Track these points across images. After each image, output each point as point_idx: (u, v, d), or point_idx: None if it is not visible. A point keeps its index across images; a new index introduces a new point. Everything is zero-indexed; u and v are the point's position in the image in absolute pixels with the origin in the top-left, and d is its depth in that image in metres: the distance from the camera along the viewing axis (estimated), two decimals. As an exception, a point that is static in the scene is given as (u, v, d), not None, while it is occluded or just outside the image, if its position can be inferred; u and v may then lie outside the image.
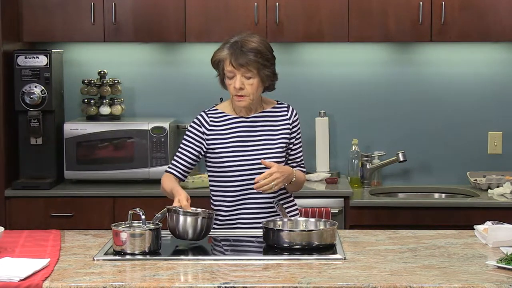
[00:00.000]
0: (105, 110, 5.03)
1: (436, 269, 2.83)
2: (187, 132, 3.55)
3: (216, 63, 3.49)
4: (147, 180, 4.85)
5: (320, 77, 5.21)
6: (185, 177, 3.58)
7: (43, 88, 4.74)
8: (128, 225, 3.11)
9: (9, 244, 3.17)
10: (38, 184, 4.72)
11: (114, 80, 5.11)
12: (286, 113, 3.56)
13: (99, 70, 5.11)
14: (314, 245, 3.06)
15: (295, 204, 3.63)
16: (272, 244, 3.11)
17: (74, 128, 4.85)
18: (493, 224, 3.32)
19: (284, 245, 3.07)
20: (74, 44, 5.16)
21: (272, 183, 3.32)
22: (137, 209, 3.10)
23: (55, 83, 4.84)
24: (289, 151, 3.55)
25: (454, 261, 2.94)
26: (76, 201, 4.69)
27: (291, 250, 3.06)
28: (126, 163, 4.83)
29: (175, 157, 3.56)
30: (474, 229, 3.37)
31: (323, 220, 3.31)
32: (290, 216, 3.49)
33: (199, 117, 3.56)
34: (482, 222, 3.39)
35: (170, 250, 3.11)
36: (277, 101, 3.61)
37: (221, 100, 5.06)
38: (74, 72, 5.18)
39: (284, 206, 3.51)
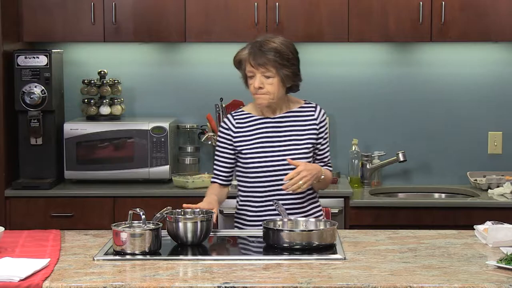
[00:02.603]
0: (105, 110, 5.03)
1: (436, 269, 2.83)
2: (218, 138, 3.58)
3: (238, 63, 3.52)
4: (147, 180, 4.85)
5: (320, 77, 5.21)
6: (230, 181, 3.61)
7: (43, 88, 4.74)
8: (128, 225, 3.11)
9: (9, 244, 3.17)
10: (38, 184, 4.72)
11: (114, 80, 5.12)
12: (313, 113, 3.57)
13: (99, 70, 5.11)
14: (314, 245, 3.07)
15: (320, 205, 3.64)
16: (272, 244, 3.11)
17: (74, 128, 4.85)
18: (493, 224, 3.32)
19: (284, 245, 3.07)
20: (74, 44, 5.16)
21: (300, 182, 3.32)
22: (137, 209, 3.10)
23: (55, 83, 4.84)
24: (316, 151, 3.55)
25: (454, 261, 2.94)
26: (76, 201, 4.69)
27: (291, 250, 3.06)
28: (126, 163, 4.83)
29: (214, 166, 3.60)
30: (474, 229, 3.37)
31: (323, 220, 3.31)
32: (315, 217, 3.49)
33: (226, 120, 3.58)
34: (482, 222, 3.39)
35: (170, 250, 3.11)
36: (304, 100, 3.61)
37: (221, 100, 5.07)
38: (74, 72, 5.18)
39: (309, 206, 3.52)
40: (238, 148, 3.50)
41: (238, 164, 3.55)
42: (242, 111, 3.59)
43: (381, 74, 5.20)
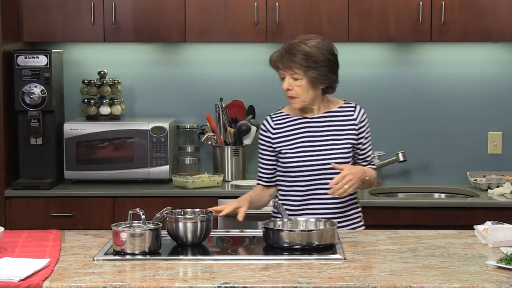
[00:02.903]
0: (105, 110, 5.03)
1: (436, 269, 2.83)
2: (259, 141, 3.62)
3: (272, 65, 3.52)
4: (147, 180, 4.85)
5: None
6: (274, 182, 3.61)
7: (43, 88, 4.74)
8: (128, 225, 3.11)
9: (9, 244, 3.17)
10: (38, 184, 4.72)
11: (114, 80, 5.11)
12: (352, 113, 3.58)
13: (99, 70, 5.11)
14: (314, 245, 3.07)
15: (360, 210, 3.64)
16: (272, 244, 3.11)
17: (74, 128, 4.84)
18: (493, 224, 3.32)
19: (284, 245, 3.07)
20: (74, 44, 5.16)
21: (346, 186, 3.32)
22: (137, 209, 3.10)
23: (55, 83, 4.83)
24: (358, 150, 3.56)
25: (454, 261, 2.94)
26: (76, 201, 4.69)
27: (291, 250, 3.06)
28: (126, 163, 4.83)
29: (258, 168, 3.63)
30: (474, 229, 3.37)
31: (323, 220, 3.31)
32: (353, 228, 3.52)
33: (264, 122, 3.61)
34: (482, 222, 3.39)
35: (170, 250, 3.11)
36: (344, 100, 3.62)
37: (221, 100, 5.07)
38: (74, 72, 5.18)
39: (352, 211, 3.55)
40: (277, 149, 3.53)
41: (279, 164, 3.56)
42: (281, 112, 3.61)
43: (381, 74, 5.20)
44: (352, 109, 3.59)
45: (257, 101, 5.15)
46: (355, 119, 3.56)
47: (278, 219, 3.32)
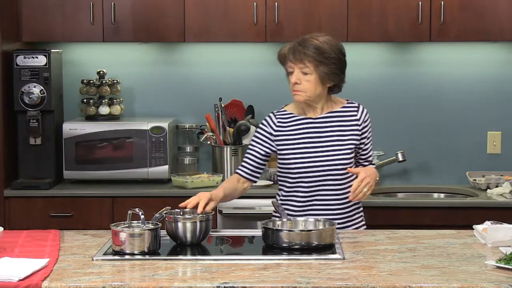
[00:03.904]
0: (104, 110, 5.03)
1: (435, 269, 2.83)
2: (255, 133, 3.58)
3: (281, 59, 3.49)
4: (146, 180, 4.85)
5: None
6: (256, 177, 3.57)
7: (42, 88, 4.74)
8: (127, 225, 3.11)
9: (8, 244, 3.16)
10: (37, 184, 4.72)
11: (113, 80, 5.11)
12: (356, 113, 3.57)
13: (98, 70, 5.11)
14: (313, 245, 3.06)
15: (362, 211, 3.63)
16: (271, 244, 3.11)
17: (73, 128, 4.84)
18: (492, 224, 3.32)
19: (283, 245, 3.07)
20: (73, 44, 5.16)
21: (365, 189, 3.32)
22: (136, 209, 3.10)
23: (54, 83, 4.83)
24: (360, 150, 3.56)
25: (453, 261, 2.94)
26: (75, 201, 4.69)
27: (290, 250, 3.06)
28: (125, 163, 4.83)
29: (244, 158, 3.58)
30: (473, 229, 3.37)
31: (322, 220, 3.31)
32: (355, 228, 3.52)
33: (267, 118, 3.57)
34: (481, 222, 3.39)
35: (169, 250, 3.11)
36: (347, 100, 3.61)
37: (221, 99, 5.07)
38: (73, 72, 5.18)
39: (356, 215, 3.55)
40: (279, 148, 3.50)
41: (279, 163, 3.54)
42: (284, 110, 3.58)
43: (380, 74, 5.20)
44: (355, 109, 3.59)
45: (257, 101, 5.15)
46: (358, 119, 3.56)
47: (277, 219, 3.31)
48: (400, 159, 4.99)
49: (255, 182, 3.61)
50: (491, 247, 3.13)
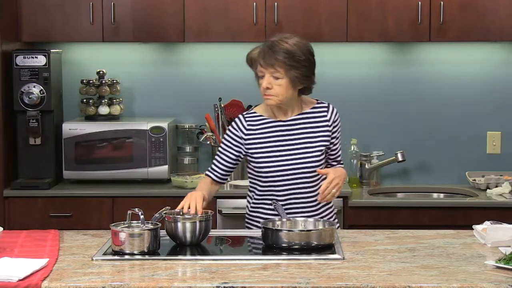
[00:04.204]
0: (103, 110, 5.03)
1: (434, 269, 2.83)
2: (225, 136, 3.54)
3: (250, 62, 3.45)
4: (146, 180, 4.85)
5: (319, 77, 5.16)
6: (225, 180, 3.56)
7: (42, 88, 4.73)
8: (127, 225, 3.11)
9: (8, 244, 3.16)
10: (37, 184, 4.72)
11: (113, 80, 5.11)
12: (326, 113, 3.53)
13: (98, 70, 5.11)
14: (313, 245, 3.06)
15: (333, 206, 3.61)
16: (271, 244, 3.11)
17: (72, 128, 4.84)
18: (491, 224, 3.32)
19: (283, 245, 3.07)
20: (73, 44, 5.16)
21: (333, 190, 3.31)
22: (136, 209, 3.10)
23: (54, 83, 4.83)
24: (329, 150, 3.53)
25: (453, 261, 2.94)
26: (75, 201, 4.69)
27: (290, 250, 3.06)
28: (125, 163, 4.83)
29: (214, 161, 3.55)
30: (473, 229, 3.37)
31: (321, 220, 3.31)
32: (328, 218, 3.49)
33: (237, 120, 3.53)
34: (481, 222, 3.39)
35: (169, 250, 3.11)
36: (317, 100, 3.58)
37: (220, 100, 5.07)
38: (73, 72, 5.18)
39: (323, 208, 3.51)
40: (250, 151, 3.47)
41: (250, 166, 3.51)
42: (254, 112, 3.54)
43: (380, 74, 5.20)
44: (325, 109, 3.55)
45: (256, 101, 5.12)
46: (328, 120, 3.53)
47: (277, 219, 3.31)
48: (400, 159, 4.99)
49: (224, 183, 3.61)
50: (490, 247, 3.13)
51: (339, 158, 3.59)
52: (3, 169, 4.70)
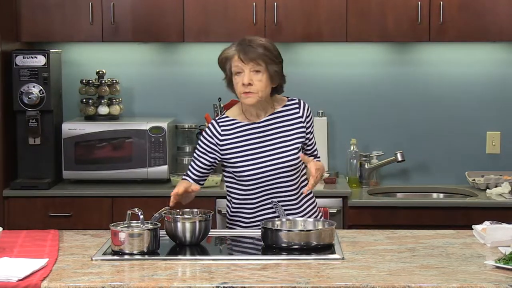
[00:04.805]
0: (103, 110, 5.03)
1: (434, 269, 2.83)
2: (199, 142, 3.51)
3: (223, 62, 3.40)
4: (145, 180, 4.85)
5: (319, 77, 5.22)
6: (202, 184, 3.54)
7: (41, 88, 4.74)
8: (126, 225, 3.11)
9: (7, 244, 3.16)
10: (36, 184, 4.72)
11: (113, 80, 5.11)
12: (297, 110, 3.51)
13: (98, 70, 5.11)
14: (312, 245, 3.06)
15: (316, 204, 3.60)
16: (270, 244, 3.11)
17: (72, 128, 4.84)
18: (491, 224, 3.32)
19: (283, 245, 3.07)
20: (73, 44, 5.16)
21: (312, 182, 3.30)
22: (136, 209, 3.10)
23: (54, 83, 4.83)
24: (305, 146, 3.53)
25: (453, 261, 2.94)
26: (75, 201, 4.69)
27: (289, 250, 3.06)
28: (124, 163, 4.83)
29: (190, 166, 3.53)
30: (472, 229, 3.37)
31: (321, 220, 3.31)
32: (313, 217, 3.49)
33: (210, 126, 3.49)
34: (481, 222, 3.39)
35: (168, 250, 3.11)
36: (287, 97, 3.56)
37: (220, 99, 5.07)
38: (73, 72, 5.18)
39: (306, 205, 3.50)
40: (226, 157, 3.44)
41: (227, 171, 3.49)
42: (226, 117, 3.51)
43: (380, 74, 5.20)
44: (297, 105, 3.52)
45: (256, 101, 5.14)
46: (301, 116, 3.51)
47: (276, 219, 3.31)
48: (399, 159, 4.99)
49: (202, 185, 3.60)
50: (490, 247, 3.13)
51: (315, 153, 3.58)
52: (2, 169, 4.70)
